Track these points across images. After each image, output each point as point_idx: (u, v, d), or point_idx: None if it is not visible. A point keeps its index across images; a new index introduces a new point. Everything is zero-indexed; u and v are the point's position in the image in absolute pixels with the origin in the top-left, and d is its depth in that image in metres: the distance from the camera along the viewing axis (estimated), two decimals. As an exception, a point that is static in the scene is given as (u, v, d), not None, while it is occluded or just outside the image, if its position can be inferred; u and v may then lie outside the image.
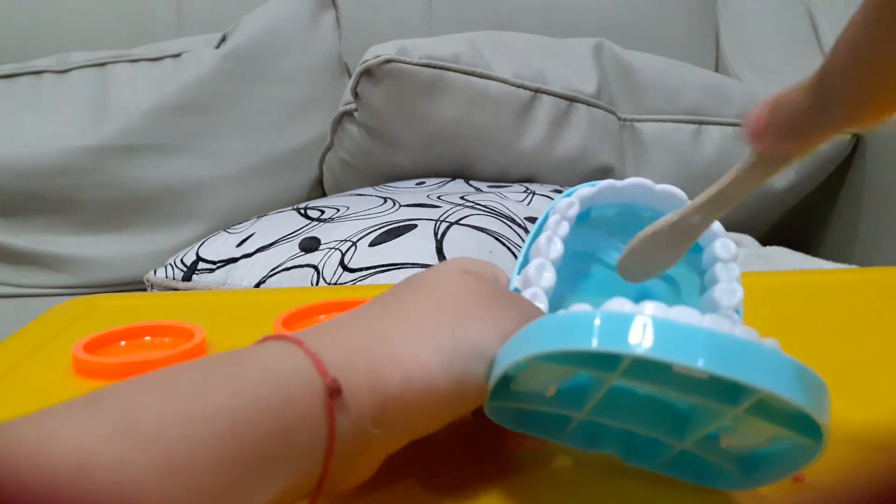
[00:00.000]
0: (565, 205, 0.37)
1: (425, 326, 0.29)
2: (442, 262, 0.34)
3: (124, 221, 1.06)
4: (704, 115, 1.04)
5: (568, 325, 0.25)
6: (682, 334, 0.23)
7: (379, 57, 0.95)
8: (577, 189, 0.39)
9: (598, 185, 0.38)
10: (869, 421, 0.37)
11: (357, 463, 0.27)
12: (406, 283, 0.32)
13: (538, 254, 0.36)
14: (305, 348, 0.26)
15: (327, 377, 0.25)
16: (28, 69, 1.10)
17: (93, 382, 0.44)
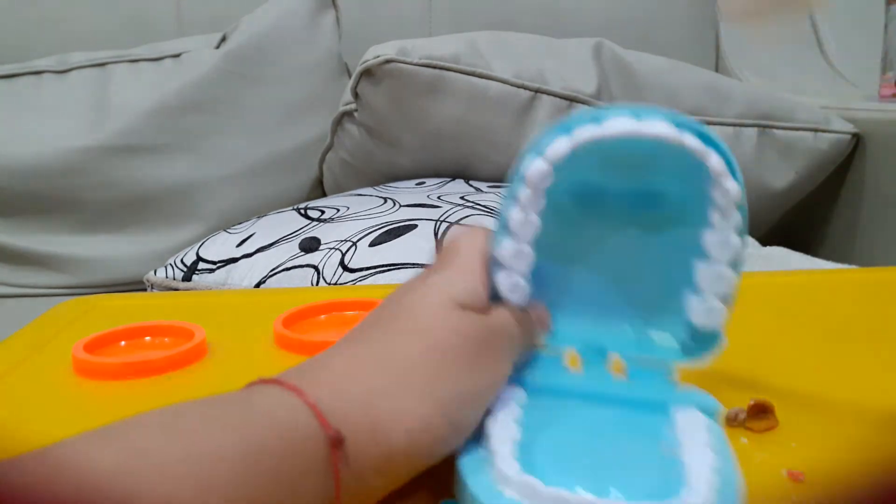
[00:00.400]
0: (538, 175, 0.32)
1: (423, 378, 0.28)
2: (428, 285, 0.32)
3: (124, 221, 1.06)
4: (704, 115, 1.04)
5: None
6: None
7: (379, 57, 0.95)
8: (551, 139, 0.33)
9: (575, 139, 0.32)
10: (869, 421, 0.37)
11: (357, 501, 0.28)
12: (395, 315, 0.31)
13: (514, 236, 0.34)
14: (305, 399, 0.26)
15: (329, 429, 0.25)
16: (28, 69, 1.10)
17: (93, 383, 0.44)
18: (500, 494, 0.28)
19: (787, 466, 0.32)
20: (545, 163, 0.32)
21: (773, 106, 1.06)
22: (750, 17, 1.41)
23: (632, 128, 0.32)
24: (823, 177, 1.10)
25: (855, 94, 1.24)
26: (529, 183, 0.33)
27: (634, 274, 0.37)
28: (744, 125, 1.04)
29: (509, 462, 0.28)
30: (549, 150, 0.32)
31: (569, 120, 0.33)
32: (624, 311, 0.37)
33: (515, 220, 0.33)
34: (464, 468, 0.29)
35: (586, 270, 0.37)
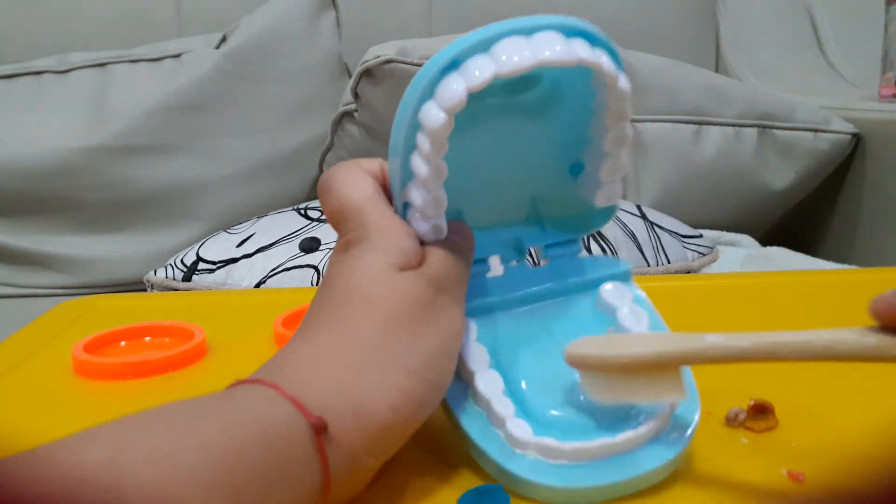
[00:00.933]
0: (440, 127, 0.30)
1: (390, 351, 0.29)
2: (361, 258, 0.31)
3: (124, 222, 1.06)
4: (704, 116, 1.04)
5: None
6: None
7: (379, 57, 0.95)
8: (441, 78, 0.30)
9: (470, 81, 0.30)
10: (869, 421, 0.37)
11: (353, 488, 0.28)
12: (342, 295, 0.31)
13: (426, 187, 0.32)
14: (283, 392, 0.27)
15: (311, 417, 0.26)
16: (28, 69, 1.09)
17: (93, 383, 0.44)
18: (524, 457, 0.30)
19: (787, 466, 0.32)
20: (443, 112, 0.30)
21: (774, 106, 1.06)
22: (750, 17, 1.41)
23: (528, 57, 0.30)
24: (823, 177, 1.10)
25: (855, 94, 1.24)
26: (431, 135, 0.31)
27: (523, 158, 0.37)
28: (744, 125, 1.04)
29: (520, 425, 0.31)
30: (444, 97, 0.30)
31: (455, 48, 0.30)
32: (525, 202, 0.38)
33: (424, 173, 0.31)
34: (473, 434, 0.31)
35: (477, 164, 0.37)
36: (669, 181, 1.03)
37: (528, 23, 0.30)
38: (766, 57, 1.37)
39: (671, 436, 0.32)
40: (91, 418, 0.25)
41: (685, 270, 0.83)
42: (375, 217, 0.32)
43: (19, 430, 0.39)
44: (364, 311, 0.30)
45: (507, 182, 0.38)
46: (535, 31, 0.30)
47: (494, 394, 0.32)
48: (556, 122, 0.36)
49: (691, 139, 1.03)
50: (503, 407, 0.32)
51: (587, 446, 0.30)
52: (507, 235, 0.38)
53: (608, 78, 0.31)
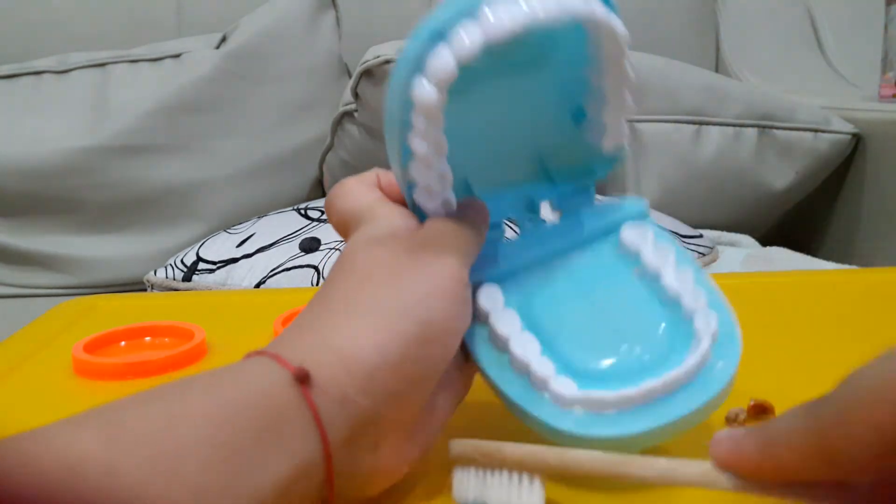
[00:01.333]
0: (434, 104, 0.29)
1: (367, 302, 0.29)
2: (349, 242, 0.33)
3: (124, 222, 1.06)
4: (704, 116, 1.04)
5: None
6: None
7: (379, 57, 0.95)
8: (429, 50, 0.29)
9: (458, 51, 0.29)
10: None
11: (367, 444, 0.28)
12: (329, 276, 0.32)
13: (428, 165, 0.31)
14: (265, 353, 0.27)
15: (291, 367, 0.26)
16: (28, 69, 1.10)
17: (93, 383, 0.44)
18: (571, 414, 0.30)
19: (787, 466, 0.32)
20: (435, 88, 0.29)
21: (774, 106, 1.06)
22: (750, 18, 1.41)
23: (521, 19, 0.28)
24: (823, 177, 1.10)
25: (855, 94, 1.24)
26: (426, 112, 0.30)
27: (522, 115, 0.37)
28: (744, 125, 1.04)
29: (564, 382, 0.30)
30: (433, 69, 0.29)
31: (440, 17, 0.29)
32: (531, 159, 0.38)
33: (423, 151, 0.31)
34: (519, 400, 0.31)
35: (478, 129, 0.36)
36: (669, 181, 1.03)
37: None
38: (766, 57, 1.37)
39: (714, 370, 0.31)
40: (91, 418, 0.25)
41: (685, 270, 0.83)
42: (366, 212, 0.33)
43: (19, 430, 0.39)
44: (343, 278, 0.31)
45: (509, 141, 0.37)
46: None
47: (533, 356, 0.31)
48: (552, 73, 0.36)
49: (691, 139, 1.03)
50: (543, 368, 0.31)
51: (633, 393, 0.29)
52: (518, 195, 0.37)
53: (603, 27, 0.31)
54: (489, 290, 0.34)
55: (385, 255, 0.31)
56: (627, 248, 0.35)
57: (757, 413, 0.36)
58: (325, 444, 0.26)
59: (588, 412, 0.30)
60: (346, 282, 0.31)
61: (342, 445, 0.26)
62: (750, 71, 1.35)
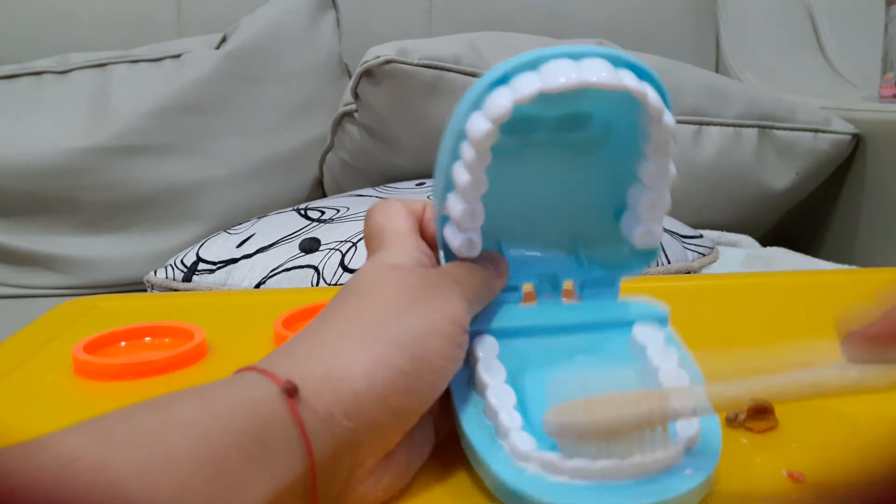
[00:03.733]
0: (483, 135, 0.31)
1: (366, 325, 0.30)
2: (367, 265, 0.34)
3: (124, 222, 1.06)
4: (705, 116, 1.04)
5: None
6: None
7: (379, 57, 0.95)
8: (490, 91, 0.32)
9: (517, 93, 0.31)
10: (869, 421, 0.37)
11: (346, 467, 0.28)
12: (338, 294, 0.33)
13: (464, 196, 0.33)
14: (256, 368, 0.28)
15: (279, 381, 0.27)
16: (28, 70, 1.10)
17: (93, 383, 0.44)
18: (524, 471, 0.30)
19: (787, 467, 0.32)
20: (489, 122, 0.31)
21: (774, 106, 1.06)
22: (750, 18, 1.41)
23: (573, 75, 0.31)
24: (824, 177, 1.10)
25: (855, 94, 1.24)
26: (475, 143, 0.32)
27: (568, 197, 0.38)
28: (744, 126, 1.04)
29: (525, 438, 0.30)
30: (490, 108, 0.31)
31: (505, 67, 0.32)
32: (563, 234, 0.39)
33: (463, 182, 0.32)
34: (476, 444, 0.31)
35: (523, 198, 0.38)
36: (669, 181, 1.03)
37: (577, 49, 0.31)
38: (767, 57, 1.37)
39: (683, 468, 0.30)
40: (91, 419, 0.25)
41: (685, 271, 0.83)
42: (389, 237, 0.34)
43: (19, 430, 0.39)
44: (350, 300, 0.31)
45: (549, 217, 0.38)
46: (583, 57, 0.31)
47: (504, 406, 0.32)
48: (605, 162, 0.37)
49: (691, 139, 1.03)
50: (510, 419, 0.31)
51: (590, 466, 0.29)
52: (544, 268, 0.38)
53: (652, 110, 0.32)
54: (487, 340, 0.35)
55: (395, 285, 0.31)
56: (637, 344, 0.36)
57: (757, 413, 0.36)
58: (310, 457, 0.26)
59: (541, 474, 0.29)
60: (351, 303, 0.31)
61: (325, 463, 0.27)
62: (750, 71, 1.35)
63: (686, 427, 0.30)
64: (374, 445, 0.29)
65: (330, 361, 0.28)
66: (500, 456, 0.30)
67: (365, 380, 0.28)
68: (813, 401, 0.38)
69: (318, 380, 0.28)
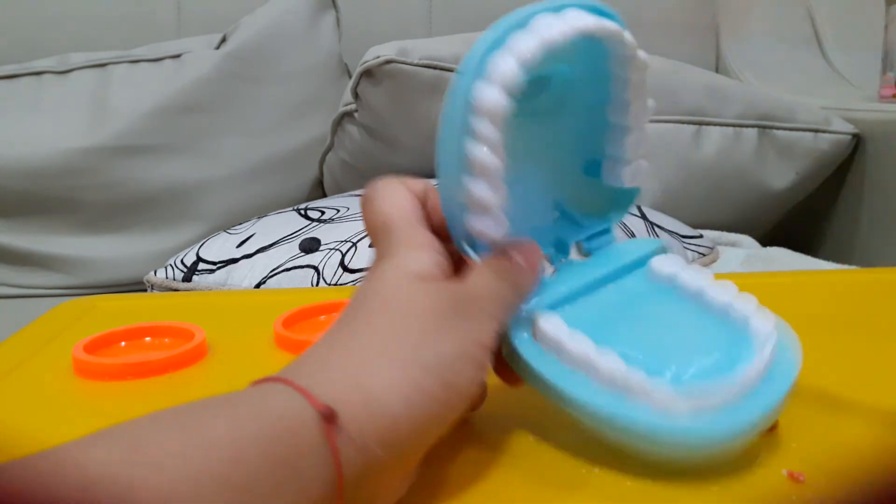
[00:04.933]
0: (500, 107, 0.30)
1: (404, 347, 0.29)
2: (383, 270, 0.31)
3: (124, 222, 1.06)
4: (704, 116, 1.04)
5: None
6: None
7: (379, 57, 0.95)
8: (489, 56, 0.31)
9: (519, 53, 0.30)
10: (869, 421, 0.37)
11: (373, 487, 0.27)
12: (362, 299, 0.31)
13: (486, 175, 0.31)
14: (293, 385, 0.27)
15: (320, 406, 0.26)
16: (28, 70, 1.10)
17: (93, 383, 0.44)
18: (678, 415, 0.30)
19: (787, 466, 0.32)
20: (501, 91, 0.30)
21: (774, 106, 1.06)
22: (750, 18, 1.41)
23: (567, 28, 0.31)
24: (824, 177, 1.10)
25: (855, 94, 1.24)
26: (489, 114, 0.30)
27: (543, 161, 0.38)
28: (744, 126, 1.04)
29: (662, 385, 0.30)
30: (495, 73, 0.30)
31: (496, 29, 0.31)
32: (550, 203, 0.39)
33: (484, 159, 0.31)
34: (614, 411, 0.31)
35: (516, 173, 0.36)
36: (669, 181, 1.03)
37: (554, 3, 0.32)
38: (767, 57, 1.37)
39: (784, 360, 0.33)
40: (91, 419, 0.25)
41: (685, 271, 0.83)
42: (404, 233, 0.32)
43: (19, 430, 0.39)
44: (381, 313, 0.30)
45: (531, 188, 0.38)
46: (563, 9, 0.31)
47: (621, 367, 0.31)
48: (569, 120, 0.37)
49: (691, 139, 1.03)
50: (635, 376, 0.30)
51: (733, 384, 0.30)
52: (547, 236, 0.38)
53: (630, 48, 0.33)
54: (549, 317, 0.33)
55: (430, 301, 0.30)
56: (659, 276, 0.36)
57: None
58: (339, 488, 0.26)
59: (693, 412, 0.30)
60: (381, 318, 0.30)
61: (350, 490, 0.26)
62: (750, 71, 1.35)
63: (763, 321, 0.33)
64: (399, 471, 0.28)
65: (369, 385, 0.27)
66: (648, 413, 0.30)
67: (403, 407, 0.27)
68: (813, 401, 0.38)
69: (356, 405, 0.27)
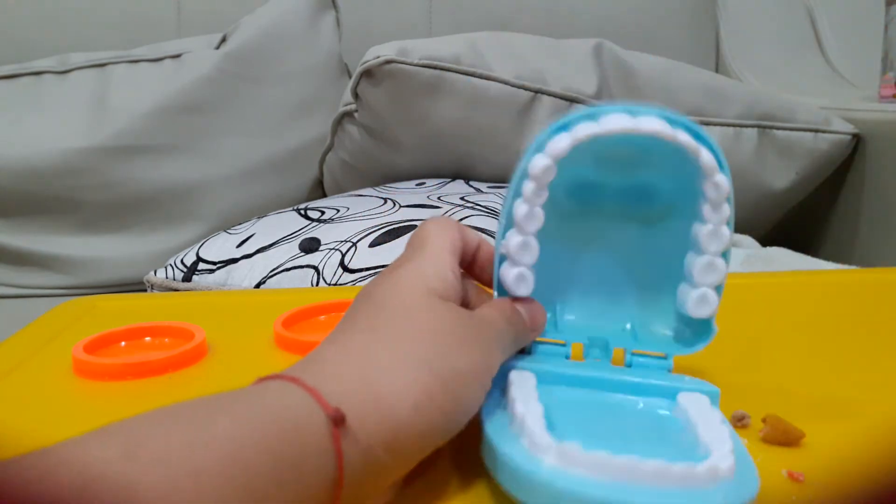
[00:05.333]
0: (540, 170, 0.33)
1: (418, 353, 0.29)
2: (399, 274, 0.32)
3: (124, 222, 1.06)
4: (704, 116, 1.04)
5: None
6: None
7: (379, 57, 0.95)
8: (551, 136, 0.34)
9: (574, 135, 0.33)
10: (870, 421, 0.37)
11: (368, 489, 0.27)
12: (375, 304, 0.31)
13: (519, 229, 0.35)
14: (303, 384, 0.26)
15: (329, 409, 0.26)
16: (28, 70, 1.10)
17: (93, 383, 0.44)
18: (540, 461, 0.28)
19: (787, 467, 0.32)
20: (547, 158, 0.33)
21: (774, 106, 1.06)
22: (750, 18, 1.41)
23: (628, 124, 0.33)
24: (824, 177, 1.10)
25: (855, 94, 1.24)
26: (533, 177, 0.34)
27: (631, 267, 0.39)
28: (744, 125, 1.04)
29: (543, 433, 0.29)
30: (550, 147, 0.34)
31: (567, 118, 0.34)
32: (622, 303, 0.39)
33: (520, 213, 0.34)
34: (494, 438, 0.30)
35: (586, 264, 0.39)
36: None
37: (635, 107, 0.34)
38: (767, 57, 1.37)
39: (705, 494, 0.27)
40: (91, 419, 0.25)
41: (685, 271, 0.83)
42: (430, 248, 0.34)
43: (19, 430, 0.39)
44: (399, 318, 0.30)
45: (609, 286, 0.39)
46: (640, 114, 0.34)
47: (531, 413, 0.30)
48: (668, 237, 0.37)
49: (691, 139, 1.03)
50: (532, 421, 0.29)
51: (606, 460, 0.27)
52: (596, 332, 0.38)
53: (705, 167, 0.33)
54: (526, 374, 0.34)
55: (442, 320, 0.31)
56: (680, 410, 0.34)
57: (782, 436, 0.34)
58: (338, 492, 0.25)
59: (558, 466, 0.28)
60: (401, 323, 0.30)
61: (350, 491, 0.26)
62: (750, 71, 1.35)
63: (721, 457, 0.28)
64: (396, 475, 0.28)
65: (379, 386, 0.27)
66: (518, 448, 0.29)
67: (413, 411, 0.27)
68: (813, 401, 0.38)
69: (365, 404, 0.26)
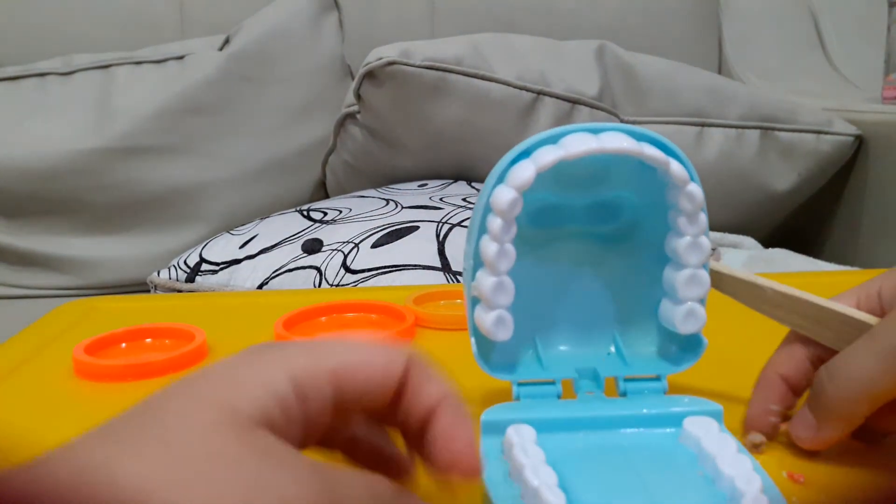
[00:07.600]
0: (507, 204, 0.31)
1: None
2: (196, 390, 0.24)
3: (128, 223, 1.07)
4: (707, 117, 1.04)
5: None
6: None
7: (382, 59, 0.95)
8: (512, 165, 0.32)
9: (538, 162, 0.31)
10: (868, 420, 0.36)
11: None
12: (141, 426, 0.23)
13: (491, 269, 0.32)
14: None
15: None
16: (32, 71, 1.10)
17: (94, 384, 0.44)
18: None
19: (787, 468, 0.32)
20: (512, 190, 0.31)
21: (776, 108, 1.06)
22: (753, 19, 1.41)
23: (593, 145, 0.31)
24: (826, 179, 1.10)
25: (858, 96, 1.23)
26: (499, 212, 0.32)
27: (605, 288, 0.37)
28: (746, 127, 1.04)
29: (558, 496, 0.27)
30: (512, 177, 0.32)
31: (527, 143, 0.32)
32: (602, 326, 0.37)
33: (490, 253, 0.32)
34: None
35: (558, 291, 0.37)
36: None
37: (597, 125, 0.32)
38: (769, 59, 1.37)
39: None
40: (92, 420, 0.25)
41: (687, 272, 0.83)
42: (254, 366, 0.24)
43: (20, 431, 0.39)
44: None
45: (587, 311, 0.37)
46: (602, 132, 0.32)
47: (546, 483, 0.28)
48: (640, 253, 0.36)
49: (693, 141, 1.03)
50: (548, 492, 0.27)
51: None
52: (583, 362, 0.36)
53: (676, 178, 0.32)
54: (524, 428, 0.32)
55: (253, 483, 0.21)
56: (689, 436, 0.32)
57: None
58: None
59: None
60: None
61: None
62: (752, 72, 1.35)
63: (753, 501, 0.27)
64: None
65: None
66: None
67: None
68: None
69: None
